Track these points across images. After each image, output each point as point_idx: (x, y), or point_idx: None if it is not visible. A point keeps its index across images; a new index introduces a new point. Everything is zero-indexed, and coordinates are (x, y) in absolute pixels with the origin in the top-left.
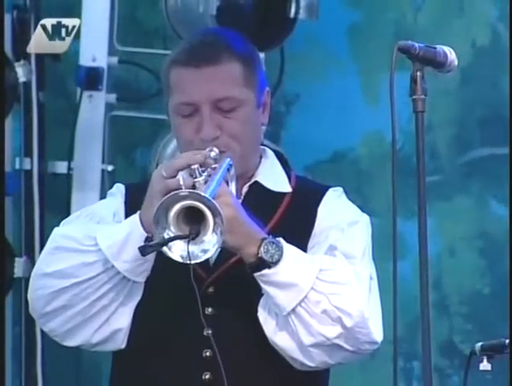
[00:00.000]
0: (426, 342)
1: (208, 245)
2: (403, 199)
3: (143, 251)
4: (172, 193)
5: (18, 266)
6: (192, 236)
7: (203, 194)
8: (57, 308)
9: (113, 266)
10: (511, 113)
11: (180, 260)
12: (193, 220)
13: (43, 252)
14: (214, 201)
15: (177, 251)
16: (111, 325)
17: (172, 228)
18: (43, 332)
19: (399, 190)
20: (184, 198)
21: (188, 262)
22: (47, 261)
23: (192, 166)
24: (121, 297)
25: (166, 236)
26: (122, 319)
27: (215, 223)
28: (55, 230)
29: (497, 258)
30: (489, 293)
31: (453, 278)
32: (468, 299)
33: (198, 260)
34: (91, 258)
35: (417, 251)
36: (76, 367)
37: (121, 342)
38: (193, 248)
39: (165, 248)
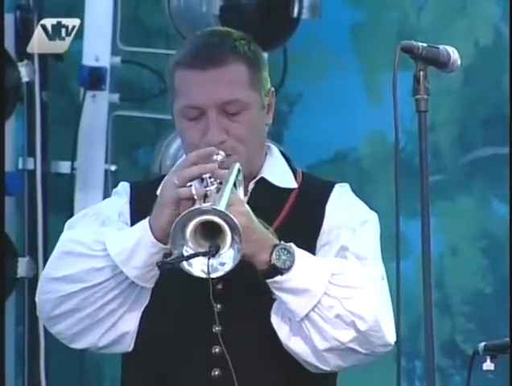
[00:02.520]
0: (429, 342)
1: (226, 259)
2: (405, 199)
3: (162, 267)
4: (190, 209)
5: (22, 266)
6: (212, 253)
7: (219, 208)
8: (65, 311)
9: (121, 272)
10: (511, 113)
11: (203, 275)
12: (210, 233)
13: (52, 256)
14: (233, 217)
15: (198, 266)
16: (118, 329)
17: (190, 244)
18: (46, 332)
19: (401, 189)
20: (203, 213)
21: (208, 277)
22: (55, 266)
23: (204, 176)
24: (129, 302)
25: (185, 252)
26: (130, 323)
27: (233, 239)
28: (64, 234)
29: (499, 258)
30: (492, 292)
31: (455, 278)
32: (470, 299)
33: (217, 274)
34: (100, 263)
35: (419, 250)
36: (79, 367)
37: (127, 346)
38: (212, 261)
39: (186, 265)
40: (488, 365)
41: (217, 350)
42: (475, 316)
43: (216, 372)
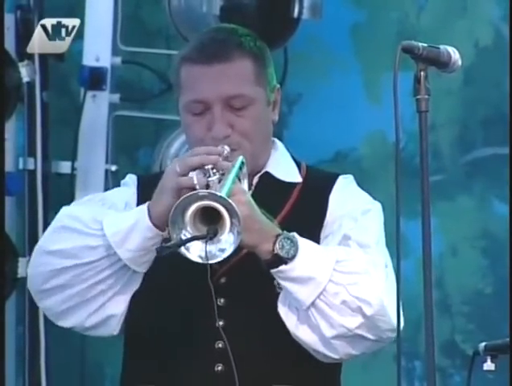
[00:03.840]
0: (429, 342)
1: (226, 244)
2: (406, 199)
3: (161, 251)
4: (190, 193)
5: (22, 266)
6: (210, 236)
7: (219, 194)
8: (56, 286)
9: (115, 253)
10: (511, 113)
11: (199, 260)
12: (209, 220)
13: (48, 229)
14: (231, 201)
15: (195, 251)
16: (106, 310)
17: (189, 228)
18: (46, 332)
19: (402, 190)
20: (202, 198)
21: (206, 262)
22: (50, 239)
23: (206, 166)
24: (120, 284)
25: (183, 237)
26: (118, 306)
27: (232, 223)
28: (63, 209)
29: (499, 258)
30: (491, 292)
31: (455, 278)
32: (470, 299)
33: (216, 260)
34: (95, 242)
35: (419, 251)
36: (79, 368)
37: (113, 329)
38: (211, 248)
39: (183, 249)
40: (488, 365)
41: (220, 345)
42: (475, 316)
43: (220, 367)
